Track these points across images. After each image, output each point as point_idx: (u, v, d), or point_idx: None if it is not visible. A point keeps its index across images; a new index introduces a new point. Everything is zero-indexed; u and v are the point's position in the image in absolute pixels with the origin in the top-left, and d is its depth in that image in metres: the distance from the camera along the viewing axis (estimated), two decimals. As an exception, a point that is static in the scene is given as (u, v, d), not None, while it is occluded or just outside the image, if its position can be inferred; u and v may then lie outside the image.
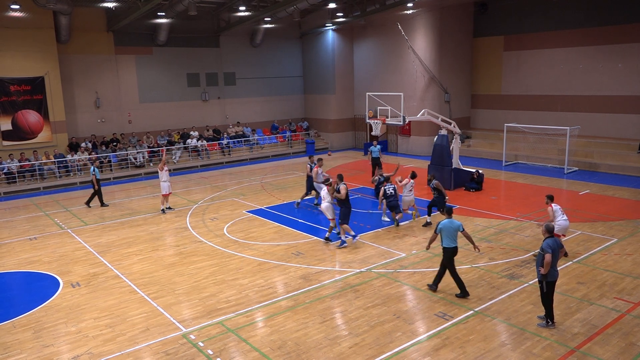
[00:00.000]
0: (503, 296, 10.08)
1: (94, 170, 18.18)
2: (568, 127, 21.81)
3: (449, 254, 10.02)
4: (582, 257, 12.08)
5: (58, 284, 11.53)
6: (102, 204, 18.56)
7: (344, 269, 11.80)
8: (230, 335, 8.89)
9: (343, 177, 13.73)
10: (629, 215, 15.39)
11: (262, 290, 10.75)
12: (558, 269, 8.79)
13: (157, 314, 9.82)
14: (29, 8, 21.50)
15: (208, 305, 10.13)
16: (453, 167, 19.24)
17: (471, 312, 9.47)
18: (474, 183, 19.09)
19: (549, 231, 8.61)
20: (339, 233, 13.38)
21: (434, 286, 10.39)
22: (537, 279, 9.03)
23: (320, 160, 16.95)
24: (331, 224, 13.67)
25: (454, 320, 9.15)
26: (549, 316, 8.77)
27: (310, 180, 17.18)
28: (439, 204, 14.83)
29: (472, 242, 10.22)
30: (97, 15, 24.74)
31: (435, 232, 10.15)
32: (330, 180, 13.89)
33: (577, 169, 22.47)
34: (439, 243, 10.26)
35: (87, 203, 18.60)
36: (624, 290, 10.20)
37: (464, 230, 10.00)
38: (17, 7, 21.05)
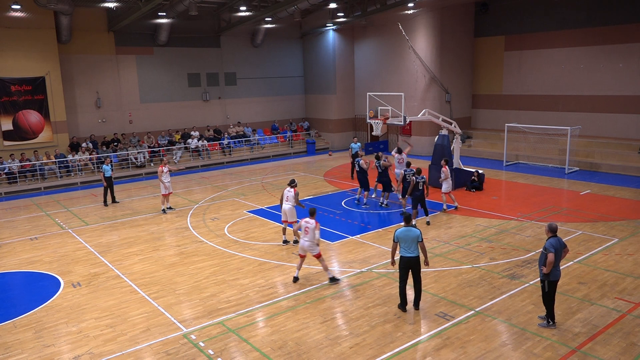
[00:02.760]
0: (504, 296, 10.07)
1: (104, 168, 18.42)
2: (569, 127, 21.80)
3: (402, 263, 9.38)
4: (583, 257, 12.06)
5: (59, 284, 11.54)
6: (105, 203, 18.77)
7: (345, 269, 11.80)
8: (231, 335, 8.89)
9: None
10: (630, 216, 15.38)
11: (262, 290, 10.74)
12: (560, 268, 8.77)
13: (158, 314, 9.82)
14: (29, 8, 21.52)
15: (209, 305, 10.13)
16: (454, 167, 19.23)
17: (472, 312, 9.46)
18: (475, 183, 19.12)
19: (552, 230, 8.61)
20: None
21: (407, 304, 9.75)
22: (538, 279, 9.02)
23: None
24: (294, 227, 13.07)
25: (455, 320, 9.14)
26: (549, 316, 8.76)
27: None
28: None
29: (426, 256, 9.58)
30: (98, 16, 24.76)
31: (394, 241, 9.46)
32: (296, 182, 13.54)
33: (578, 169, 22.46)
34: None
35: (113, 200, 18.96)
36: (625, 291, 10.19)
37: (422, 240, 9.32)
38: (18, 7, 21.07)
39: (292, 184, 13.39)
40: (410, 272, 9.42)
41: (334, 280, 10.92)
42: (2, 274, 12.36)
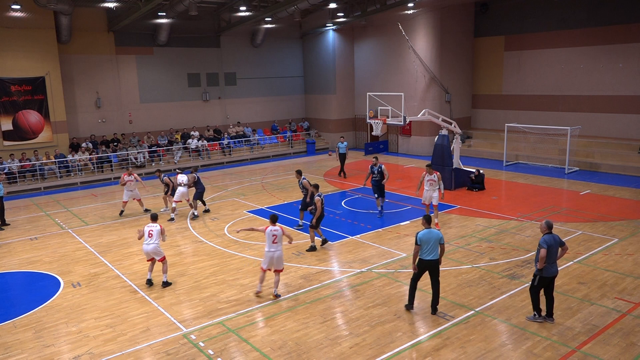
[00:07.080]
0: (504, 296, 10.07)
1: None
2: (569, 127, 21.81)
3: (421, 266, 9.20)
4: (583, 257, 12.07)
5: (59, 284, 11.54)
6: (3, 224, 16.40)
7: (345, 269, 11.80)
8: (231, 335, 8.89)
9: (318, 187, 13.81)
10: (629, 216, 15.38)
11: (262, 290, 10.74)
12: (559, 268, 8.78)
13: (158, 313, 9.82)
14: (29, 8, 21.52)
15: (209, 305, 10.13)
16: (454, 167, 19.24)
17: (472, 312, 9.46)
18: (477, 183, 19.13)
19: (548, 227, 8.65)
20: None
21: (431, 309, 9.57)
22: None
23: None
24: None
25: (455, 320, 9.15)
26: (535, 308, 8.84)
27: None
28: None
29: (441, 257, 9.30)
30: (97, 16, 24.77)
31: (416, 244, 9.13)
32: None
33: (578, 169, 22.46)
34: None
35: (3, 223, 16.38)
36: (624, 291, 10.20)
37: (444, 242, 9.20)
38: (18, 7, 21.08)
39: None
40: (428, 275, 9.27)
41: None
42: (2, 274, 12.36)
